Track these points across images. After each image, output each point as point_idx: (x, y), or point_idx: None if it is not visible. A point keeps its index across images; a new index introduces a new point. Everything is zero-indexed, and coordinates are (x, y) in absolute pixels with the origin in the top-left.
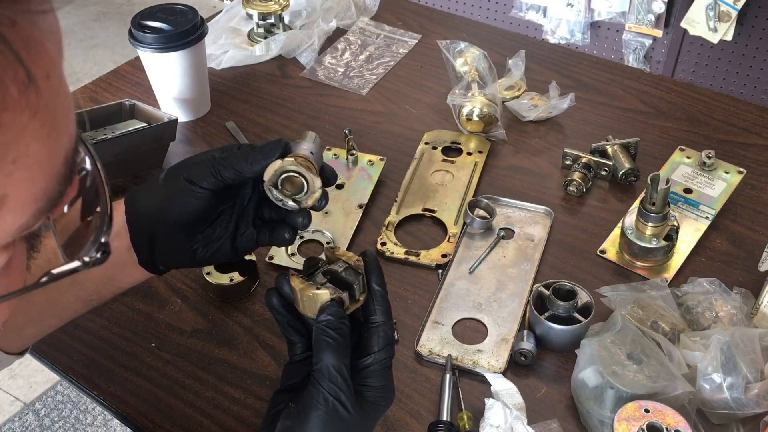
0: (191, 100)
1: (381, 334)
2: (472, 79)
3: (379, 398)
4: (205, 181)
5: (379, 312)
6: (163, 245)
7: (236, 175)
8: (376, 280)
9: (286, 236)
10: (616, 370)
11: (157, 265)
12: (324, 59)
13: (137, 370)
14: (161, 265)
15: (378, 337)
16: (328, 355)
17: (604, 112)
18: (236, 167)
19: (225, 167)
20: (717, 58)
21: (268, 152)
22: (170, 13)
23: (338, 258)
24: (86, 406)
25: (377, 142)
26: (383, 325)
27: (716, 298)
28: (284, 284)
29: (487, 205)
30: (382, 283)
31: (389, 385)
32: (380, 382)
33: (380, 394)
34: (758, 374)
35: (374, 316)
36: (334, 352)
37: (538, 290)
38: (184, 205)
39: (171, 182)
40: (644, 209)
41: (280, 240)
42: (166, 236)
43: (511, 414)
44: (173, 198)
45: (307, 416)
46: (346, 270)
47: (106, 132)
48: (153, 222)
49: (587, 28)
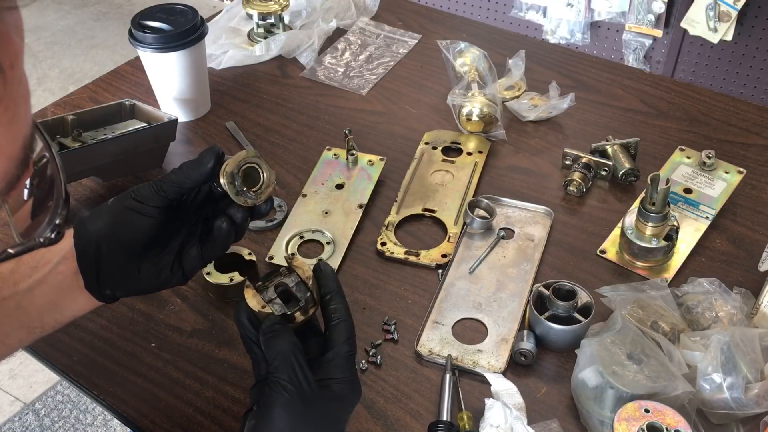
0: (191, 100)
1: (341, 328)
2: (472, 79)
3: (345, 390)
4: (150, 199)
5: (338, 311)
6: (110, 266)
7: (176, 188)
8: (332, 287)
9: (223, 225)
10: (616, 370)
11: (103, 289)
12: (324, 59)
13: (137, 370)
14: (108, 289)
15: (339, 333)
16: (276, 346)
17: (604, 112)
18: (174, 180)
19: (165, 182)
20: (717, 58)
21: (201, 161)
22: (170, 13)
23: (294, 269)
24: (86, 406)
25: (377, 142)
26: (343, 322)
27: (716, 298)
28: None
29: (487, 205)
30: (337, 288)
31: (354, 378)
32: (344, 374)
33: (346, 387)
34: (758, 374)
35: (334, 315)
36: (281, 340)
37: (538, 290)
38: (132, 224)
39: (119, 203)
40: (644, 209)
41: (219, 234)
42: (112, 257)
43: (511, 414)
44: (121, 218)
45: (270, 410)
46: (298, 284)
47: (106, 132)
48: (100, 243)
49: (587, 28)
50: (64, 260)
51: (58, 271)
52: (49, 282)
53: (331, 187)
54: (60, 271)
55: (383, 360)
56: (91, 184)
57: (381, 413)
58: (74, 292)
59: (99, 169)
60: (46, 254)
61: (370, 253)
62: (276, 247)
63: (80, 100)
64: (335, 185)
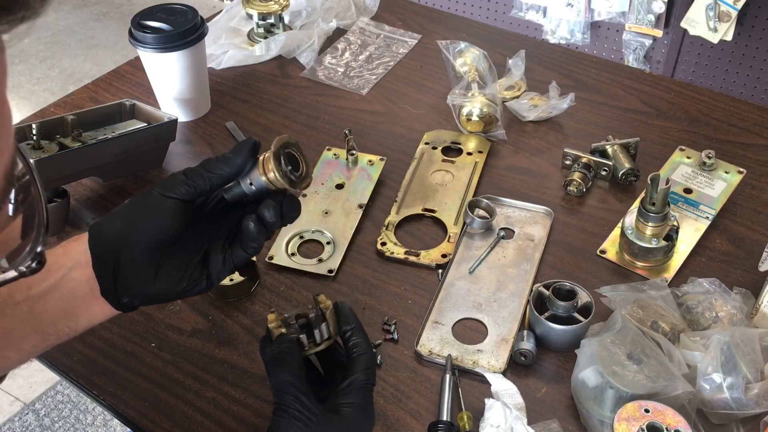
0: (191, 100)
1: (361, 360)
2: (472, 79)
3: (356, 415)
4: (177, 189)
5: (359, 345)
6: (128, 269)
7: (208, 181)
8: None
9: (251, 225)
10: (616, 370)
11: (121, 297)
12: (324, 59)
13: (137, 370)
14: (125, 296)
15: (358, 363)
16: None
17: (604, 112)
18: (208, 169)
19: (195, 173)
20: (717, 58)
21: (238, 150)
22: (170, 13)
23: (319, 303)
24: (86, 406)
25: (377, 142)
26: (363, 354)
27: (716, 298)
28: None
29: (487, 205)
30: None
31: (367, 405)
32: (356, 400)
33: (356, 412)
34: (758, 374)
35: (355, 349)
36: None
37: (538, 290)
38: (153, 220)
39: (140, 200)
40: (644, 209)
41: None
42: (131, 258)
43: (511, 414)
44: (141, 214)
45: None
46: (317, 316)
47: (106, 132)
48: (118, 243)
49: (587, 28)
50: (77, 266)
51: (72, 278)
52: (61, 288)
53: (331, 187)
54: (73, 278)
55: (383, 360)
56: (91, 184)
57: (381, 413)
58: (88, 300)
59: (99, 169)
60: (59, 258)
61: (370, 253)
62: (276, 247)
63: (80, 100)
64: (335, 185)
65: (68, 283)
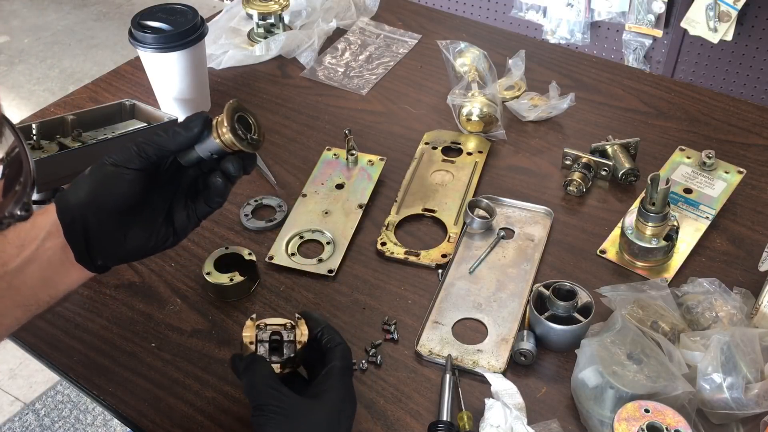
0: (191, 100)
1: (337, 350)
2: (472, 79)
3: (336, 400)
4: (131, 162)
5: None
6: (98, 235)
7: (159, 151)
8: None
9: (218, 180)
10: (616, 370)
11: (95, 260)
12: (324, 59)
13: (137, 370)
14: (99, 260)
15: (333, 353)
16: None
17: (604, 112)
18: (158, 142)
19: (147, 144)
20: (717, 58)
21: (187, 124)
22: (170, 13)
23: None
24: (86, 406)
25: (377, 142)
26: (338, 345)
27: (716, 298)
28: None
29: (487, 205)
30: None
31: (346, 389)
32: (337, 384)
33: (336, 396)
34: (758, 374)
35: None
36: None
37: (538, 290)
38: (113, 189)
39: (98, 171)
40: (644, 209)
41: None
42: (99, 226)
43: (511, 414)
44: (102, 185)
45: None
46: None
47: (106, 132)
48: (85, 213)
49: (587, 28)
50: (50, 236)
51: (46, 248)
52: (38, 259)
53: (331, 187)
54: (48, 247)
55: (383, 360)
56: None
57: (381, 413)
58: (65, 266)
59: None
60: (30, 231)
61: (370, 253)
62: (276, 247)
63: (80, 100)
64: (335, 185)
65: (44, 253)
